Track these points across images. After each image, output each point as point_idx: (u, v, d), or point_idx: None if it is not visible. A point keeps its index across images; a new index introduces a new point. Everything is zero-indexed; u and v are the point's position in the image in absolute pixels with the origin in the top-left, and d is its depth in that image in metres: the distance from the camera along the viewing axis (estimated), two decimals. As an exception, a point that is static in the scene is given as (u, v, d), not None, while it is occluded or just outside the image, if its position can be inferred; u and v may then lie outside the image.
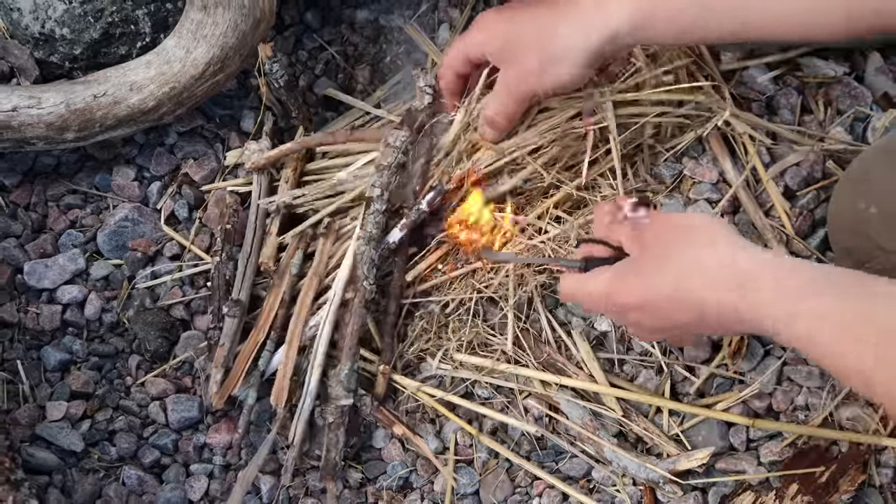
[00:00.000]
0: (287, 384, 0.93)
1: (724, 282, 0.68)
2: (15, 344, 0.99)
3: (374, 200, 0.96)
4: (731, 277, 0.67)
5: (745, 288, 0.66)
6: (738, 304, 0.66)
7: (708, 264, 0.69)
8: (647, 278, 0.72)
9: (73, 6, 1.00)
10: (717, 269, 0.68)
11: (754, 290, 0.66)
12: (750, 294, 0.66)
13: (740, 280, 0.67)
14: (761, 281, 0.66)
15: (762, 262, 0.67)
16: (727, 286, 0.67)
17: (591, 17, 0.83)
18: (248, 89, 1.12)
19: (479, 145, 1.00)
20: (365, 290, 0.94)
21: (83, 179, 1.06)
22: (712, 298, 0.68)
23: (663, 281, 0.71)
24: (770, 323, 0.65)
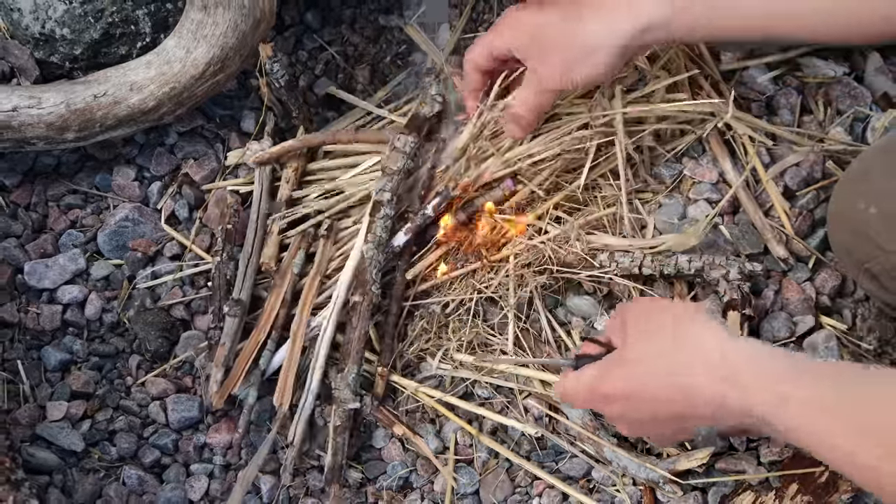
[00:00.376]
0: (291, 384, 0.93)
1: (713, 369, 0.66)
2: (15, 344, 0.99)
3: (383, 205, 0.96)
4: (720, 366, 0.66)
5: (734, 377, 0.65)
6: (727, 393, 0.65)
7: (695, 353, 0.68)
8: (632, 368, 0.71)
9: (73, 6, 1.00)
10: (705, 356, 0.67)
11: (743, 379, 0.65)
12: (739, 382, 0.65)
13: (728, 370, 0.66)
14: (748, 370, 0.65)
15: (748, 350, 0.67)
16: (717, 375, 0.66)
17: (622, 11, 0.82)
18: (248, 89, 1.12)
19: (489, 153, 1.00)
20: (373, 295, 0.93)
21: (83, 179, 1.06)
22: (701, 384, 0.67)
23: (648, 370, 0.70)
24: (760, 410, 0.63)
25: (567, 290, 1.00)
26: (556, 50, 0.85)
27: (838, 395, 0.61)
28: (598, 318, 0.97)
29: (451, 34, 1.17)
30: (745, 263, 0.94)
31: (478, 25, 1.18)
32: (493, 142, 1.01)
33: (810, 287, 0.97)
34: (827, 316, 0.96)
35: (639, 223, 1.01)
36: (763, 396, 0.63)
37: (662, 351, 0.70)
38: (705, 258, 0.95)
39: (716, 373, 0.66)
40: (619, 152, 0.99)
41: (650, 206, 1.02)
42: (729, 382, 0.65)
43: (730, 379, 0.65)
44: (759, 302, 0.96)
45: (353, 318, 0.93)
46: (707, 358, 0.67)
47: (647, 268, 0.95)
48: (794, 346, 0.95)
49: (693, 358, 0.68)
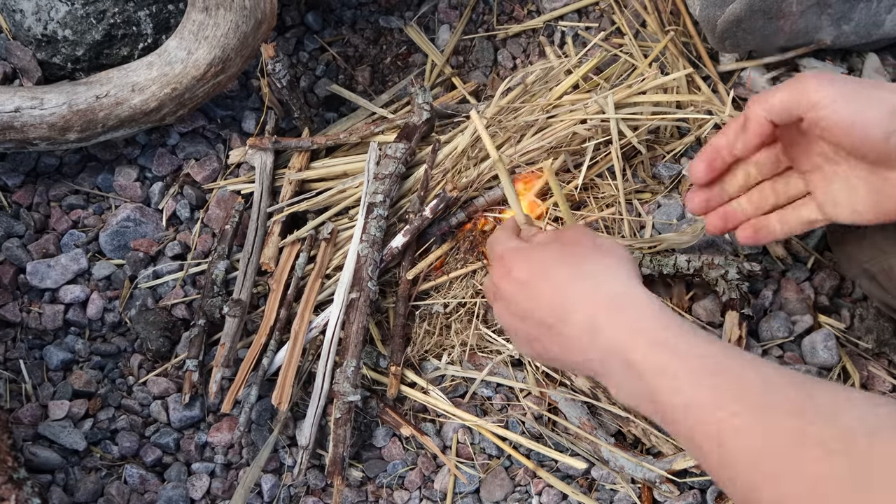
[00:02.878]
0: (290, 385, 0.93)
1: (607, 300, 0.66)
2: (18, 343, 1.00)
3: (376, 206, 0.98)
4: (615, 298, 0.66)
5: (623, 308, 0.65)
6: (608, 318, 0.65)
7: (603, 281, 0.68)
8: (542, 258, 0.72)
9: (75, 8, 1.01)
10: (608, 288, 0.67)
11: (632, 314, 0.64)
12: (624, 313, 0.64)
13: (623, 302, 0.65)
14: (642, 308, 0.64)
15: (652, 301, 0.65)
16: (608, 305, 0.65)
17: None
18: (249, 90, 1.12)
19: (487, 154, 1.01)
20: (370, 291, 0.95)
21: (85, 180, 1.07)
22: (586, 306, 0.66)
23: (555, 268, 0.70)
24: (627, 344, 0.62)
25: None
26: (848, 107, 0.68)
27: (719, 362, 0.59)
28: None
29: (451, 36, 1.17)
30: (744, 263, 0.95)
31: (477, 27, 1.19)
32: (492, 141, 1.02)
33: (809, 287, 0.98)
34: (825, 315, 0.97)
35: (637, 223, 1.01)
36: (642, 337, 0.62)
37: (578, 264, 0.70)
38: (704, 258, 0.95)
39: (611, 303, 0.65)
40: (614, 152, 1.00)
41: (649, 206, 1.03)
42: (616, 310, 0.64)
43: (624, 307, 0.65)
44: (758, 302, 0.96)
45: (352, 313, 0.94)
46: (608, 289, 0.66)
47: (645, 268, 0.95)
48: (793, 345, 0.96)
49: (598, 284, 0.67)
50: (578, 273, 0.69)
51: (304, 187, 1.07)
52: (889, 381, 0.94)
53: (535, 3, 1.18)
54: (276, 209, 1.04)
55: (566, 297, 0.68)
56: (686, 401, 0.58)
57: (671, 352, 0.60)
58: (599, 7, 1.15)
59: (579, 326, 0.66)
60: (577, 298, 0.67)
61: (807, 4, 0.98)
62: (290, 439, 0.97)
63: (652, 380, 0.60)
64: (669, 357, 0.60)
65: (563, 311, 0.67)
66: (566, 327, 0.67)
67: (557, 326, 0.68)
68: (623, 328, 0.63)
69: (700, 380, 0.58)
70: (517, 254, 0.74)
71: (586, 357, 0.66)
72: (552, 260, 0.71)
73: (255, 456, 0.94)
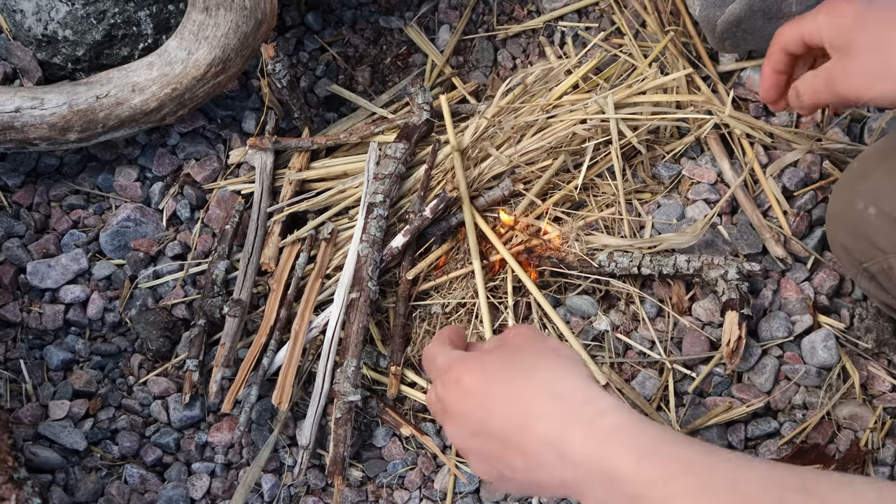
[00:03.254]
0: (290, 384, 0.93)
1: (572, 408, 0.57)
2: (18, 343, 1.00)
3: (376, 206, 0.98)
4: (581, 405, 0.57)
5: (592, 417, 0.56)
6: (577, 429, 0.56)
7: (562, 386, 0.59)
8: (492, 364, 0.63)
9: (75, 8, 1.01)
10: (568, 392, 0.58)
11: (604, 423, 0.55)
12: (595, 423, 0.55)
13: (589, 410, 0.56)
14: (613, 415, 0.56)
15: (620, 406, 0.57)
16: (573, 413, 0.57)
17: None
18: (249, 90, 1.13)
19: (488, 154, 1.01)
20: (370, 291, 0.95)
21: (86, 180, 1.07)
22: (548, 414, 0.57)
23: (506, 373, 0.61)
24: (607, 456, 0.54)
25: (566, 290, 1.00)
26: (864, 55, 0.76)
27: None
28: (597, 318, 0.98)
29: (452, 36, 1.17)
30: (744, 263, 0.95)
31: (477, 27, 1.19)
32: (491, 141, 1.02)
33: (808, 287, 0.98)
34: (825, 315, 0.97)
35: (637, 223, 1.01)
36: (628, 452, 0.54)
37: (530, 368, 0.61)
38: (704, 258, 0.95)
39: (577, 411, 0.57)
40: (614, 152, 1.00)
41: (649, 206, 1.03)
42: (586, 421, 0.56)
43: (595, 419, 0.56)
44: (758, 302, 0.97)
45: (352, 313, 0.94)
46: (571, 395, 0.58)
47: (645, 268, 0.96)
48: (793, 345, 0.96)
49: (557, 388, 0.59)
50: (532, 377, 0.61)
51: (304, 187, 1.07)
52: (889, 381, 0.94)
53: (535, 4, 1.19)
54: (277, 209, 1.04)
55: (524, 404, 0.59)
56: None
57: (658, 461, 0.54)
58: (599, 7, 1.15)
59: (543, 440, 0.57)
60: (536, 406, 0.59)
61: (806, 4, 0.98)
62: (291, 439, 0.97)
63: (641, 491, 0.53)
64: (659, 467, 0.53)
65: (522, 420, 0.59)
66: (527, 439, 0.58)
67: (516, 439, 0.59)
68: (592, 437, 0.56)
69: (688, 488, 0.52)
70: (463, 362, 0.64)
71: (558, 477, 0.57)
72: (502, 365, 0.63)
73: (255, 456, 0.94)
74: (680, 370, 0.96)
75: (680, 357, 0.96)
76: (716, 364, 0.95)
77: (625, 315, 0.98)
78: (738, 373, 0.95)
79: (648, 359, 0.97)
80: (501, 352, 0.65)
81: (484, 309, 0.97)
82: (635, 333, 0.98)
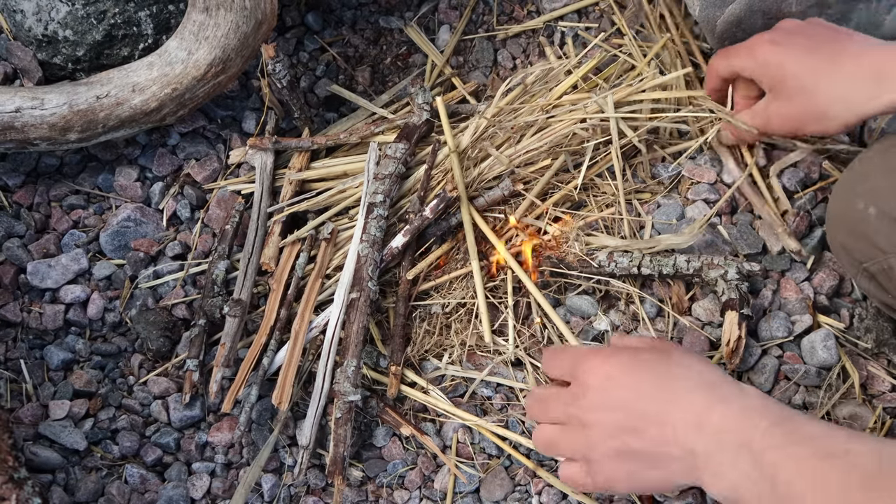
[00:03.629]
0: (290, 384, 0.93)
1: (712, 392, 0.68)
2: (18, 343, 1.00)
3: (376, 206, 0.98)
4: (720, 389, 0.68)
5: (730, 398, 0.67)
6: (716, 408, 0.66)
7: (702, 377, 0.70)
8: (645, 356, 0.74)
9: (76, 8, 1.01)
10: (709, 381, 0.69)
11: (742, 403, 0.67)
12: (733, 403, 0.67)
13: (728, 393, 0.68)
14: (750, 397, 0.67)
15: (756, 391, 0.68)
16: (715, 396, 0.67)
17: (869, 84, 0.81)
18: (249, 91, 1.13)
19: (487, 154, 1.01)
20: (370, 291, 0.95)
21: (86, 180, 1.07)
22: (691, 398, 0.68)
23: (659, 366, 0.72)
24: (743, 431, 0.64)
25: (566, 290, 1.00)
26: (796, 97, 0.86)
27: None
28: (597, 318, 0.98)
29: (452, 36, 1.17)
30: (743, 263, 0.95)
31: (477, 27, 1.19)
32: (491, 141, 1.03)
33: (808, 287, 0.98)
34: (825, 315, 0.97)
35: (637, 223, 1.01)
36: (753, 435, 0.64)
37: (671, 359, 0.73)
38: (703, 258, 0.95)
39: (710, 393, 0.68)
40: (614, 152, 1.00)
41: (649, 206, 1.03)
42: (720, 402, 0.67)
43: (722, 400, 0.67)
44: (757, 301, 0.97)
45: (352, 313, 0.94)
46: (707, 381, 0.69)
47: (645, 268, 0.96)
48: (793, 345, 0.96)
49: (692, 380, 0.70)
50: (680, 369, 0.71)
51: (304, 187, 1.07)
52: (888, 381, 0.94)
53: (534, 4, 1.19)
54: (277, 209, 1.04)
55: (672, 387, 0.69)
56: (809, 485, 0.59)
57: (786, 428, 0.63)
58: (599, 7, 1.16)
59: (686, 415, 0.67)
60: (683, 389, 0.69)
61: (806, 5, 0.98)
62: (291, 439, 0.97)
63: (769, 456, 0.62)
64: (786, 432, 0.62)
65: (667, 400, 0.69)
66: (670, 412, 0.68)
67: (658, 413, 0.69)
68: (728, 413, 0.66)
69: (821, 465, 0.60)
70: (615, 349, 0.76)
71: (687, 448, 0.67)
72: (656, 358, 0.73)
73: (255, 455, 0.95)
74: (680, 370, 0.96)
75: (680, 357, 0.96)
76: (716, 364, 0.95)
77: (625, 315, 0.99)
78: (737, 373, 0.95)
79: (648, 359, 0.97)
80: (648, 349, 0.75)
81: (483, 309, 0.97)
82: (635, 333, 0.98)
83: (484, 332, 0.96)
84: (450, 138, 1.02)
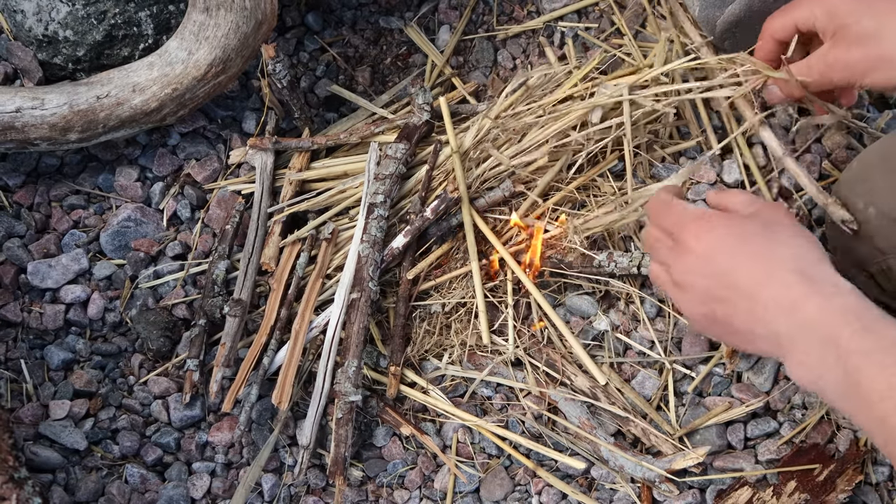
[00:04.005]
0: (290, 384, 0.93)
1: (807, 277, 0.66)
2: (19, 343, 1.00)
3: (377, 206, 0.98)
4: (814, 275, 0.66)
5: (823, 286, 0.65)
6: (807, 294, 0.65)
7: (800, 257, 0.68)
8: (749, 226, 0.72)
9: (76, 8, 1.01)
10: (805, 265, 0.67)
11: (833, 292, 0.65)
12: (825, 291, 0.65)
13: (822, 280, 0.66)
14: (843, 288, 0.65)
15: (850, 285, 0.67)
16: (807, 281, 0.66)
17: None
18: (249, 91, 1.13)
19: (488, 154, 1.01)
20: (370, 291, 0.95)
21: (86, 180, 1.07)
22: (784, 278, 0.66)
23: (761, 239, 0.70)
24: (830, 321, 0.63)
25: (566, 290, 1.01)
26: (860, 41, 0.79)
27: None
28: (597, 318, 0.98)
29: (452, 36, 1.17)
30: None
31: (477, 27, 1.19)
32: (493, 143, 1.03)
33: (808, 287, 0.98)
34: (824, 315, 0.97)
35: (637, 223, 1.02)
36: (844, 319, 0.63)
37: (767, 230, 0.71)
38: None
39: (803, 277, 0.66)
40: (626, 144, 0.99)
41: (649, 206, 1.03)
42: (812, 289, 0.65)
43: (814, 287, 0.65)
44: (757, 301, 0.97)
45: (353, 313, 0.94)
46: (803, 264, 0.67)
47: (645, 268, 0.96)
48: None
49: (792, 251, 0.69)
50: (785, 249, 0.69)
51: (304, 187, 1.07)
52: (888, 381, 0.94)
53: (534, 4, 1.19)
54: (277, 209, 1.04)
55: (770, 267, 0.68)
56: (889, 393, 0.59)
57: (878, 334, 0.62)
58: (599, 7, 1.16)
59: (777, 297, 0.66)
60: (783, 274, 0.67)
61: (806, 5, 0.98)
62: (291, 439, 0.97)
63: (854, 359, 0.61)
64: (877, 338, 0.61)
65: (765, 279, 0.67)
66: (762, 292, 0.67)
67: (751, 289, 0.68)
68: (824, 306, 0.64)
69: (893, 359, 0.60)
70: (722, 216, 0.74)
71: (772, 329, 0.66)
72: (759, 230, 0.71)
73: (255, 455, 0.95)
74: (679, 370, 0.96)
75: (679, 357, 0.96)
76: (715, 364, 0.95)
77: (624, 315, 0.99)
78: (737, 373, 0.95)
79: (648, 359, 0.97)
80: (756, 220, 0.73)
81: (481, 308, 0.97)
82: (635, 333, 0.98)
83: (482, 332, 0.96)
84: (452, 139, 1.02)
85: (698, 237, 0.73)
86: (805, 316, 0.65)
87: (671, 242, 0.75)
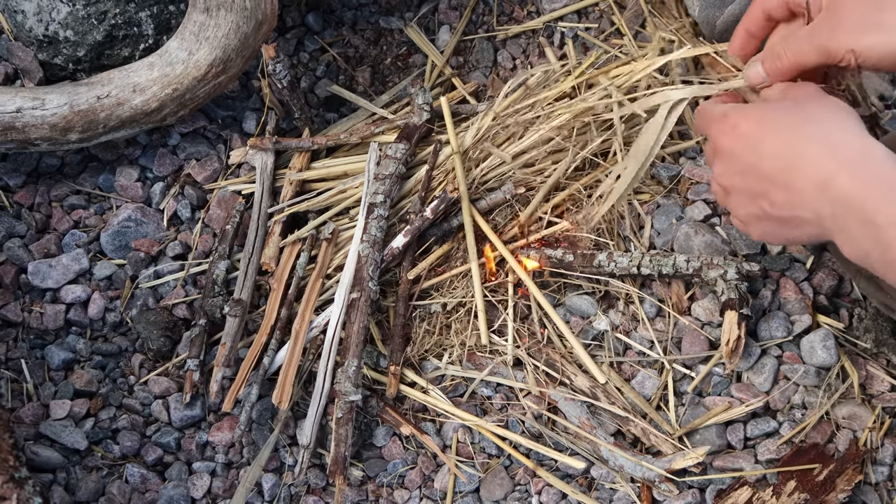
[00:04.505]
0: (290, 384, 0.93)
1: (841, 152, 0.63)
2: (19, 343, 1.00)
3: (377, 206, 0.99)
4: (849, 150, 0.63)
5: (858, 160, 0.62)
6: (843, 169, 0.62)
7: (834, 132, 0.65)
8: (771, 113, 0.69)
9: (76, 8, 1.01)
10: (840, 139, 0.64)
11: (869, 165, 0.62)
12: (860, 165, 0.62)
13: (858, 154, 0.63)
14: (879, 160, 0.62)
15: (889, 155, 0.63)
16: (842, 156, 0.63)
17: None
18: (249, 91, 1.13)
19: (489, 153, 1.01)
20: (370, 291, 0.95)
21: (87, 180, 1.07)
22: (818, 156, 0.63)
23: (783, 120, 0.67)
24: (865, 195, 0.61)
25: (566, 290, 1.01)
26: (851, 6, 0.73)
27: None
28: (597, 318, 0.98)
29: (452, 36, 1.18)
30: (743, 263, 0.95)
31: (477, 28, 1.19)
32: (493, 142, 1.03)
33: (808, 287, 0.98)
34: (824, 315, 0.97)
35: (637, 223, 1.02)
36: None
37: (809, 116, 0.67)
38: (703, 258, 0.95)
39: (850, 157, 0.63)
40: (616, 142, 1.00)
41: (648, 206, 1.03)
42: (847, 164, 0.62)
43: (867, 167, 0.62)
44: (757, 301, 0.97)
45: (353, 313, 0.94)
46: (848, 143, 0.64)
47: (645, 268, 0.96)
48: (792, 345, 0.96)
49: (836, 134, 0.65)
50: (810, 126, 0.66)
51: (304, 187, 1.07)
52: (888, 381, 0.95)
53: (534, 4, 1.19)
54: (277, 209, 1.04)
55: (797, 148, 0.65)
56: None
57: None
58: (599, 8, 1.16)
59: (810, 178, 0.64)
60: (809, 151, 0.65)
61: (805, 5, 0.98)
62: (291, 438, 0.97)
63: (891, 232, 0.60)
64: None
65: (793, 163, 0.65)
66: (795, 177, 0.65)
67: (784, 177, 0.66)
68: (860, 180, 0.62)
69: None
70: (742, 109, 0.71)
71: (815, 211, 0.64)
72: (782, 114, 0.69)
73: (255, 455, 0.95)
74: (679, 370, 0.96)
75: (679, 357, 0.96)
76: (715, 364, 0.96)
77: (624, 315, 0.99)
78: (737, 372, 0.96)
79: (648, 358, 0.97)
80: (783, 102, 0.71)
81: (480, 308, 0.97)
82: (635, 333, 0.98)
83: (481, 332, 0.96)
84: (453, 139, 1.02)
85: (724, 136, 0.71)
86: (839, 192, 0.62)
87: (711, 149, 0.74)
